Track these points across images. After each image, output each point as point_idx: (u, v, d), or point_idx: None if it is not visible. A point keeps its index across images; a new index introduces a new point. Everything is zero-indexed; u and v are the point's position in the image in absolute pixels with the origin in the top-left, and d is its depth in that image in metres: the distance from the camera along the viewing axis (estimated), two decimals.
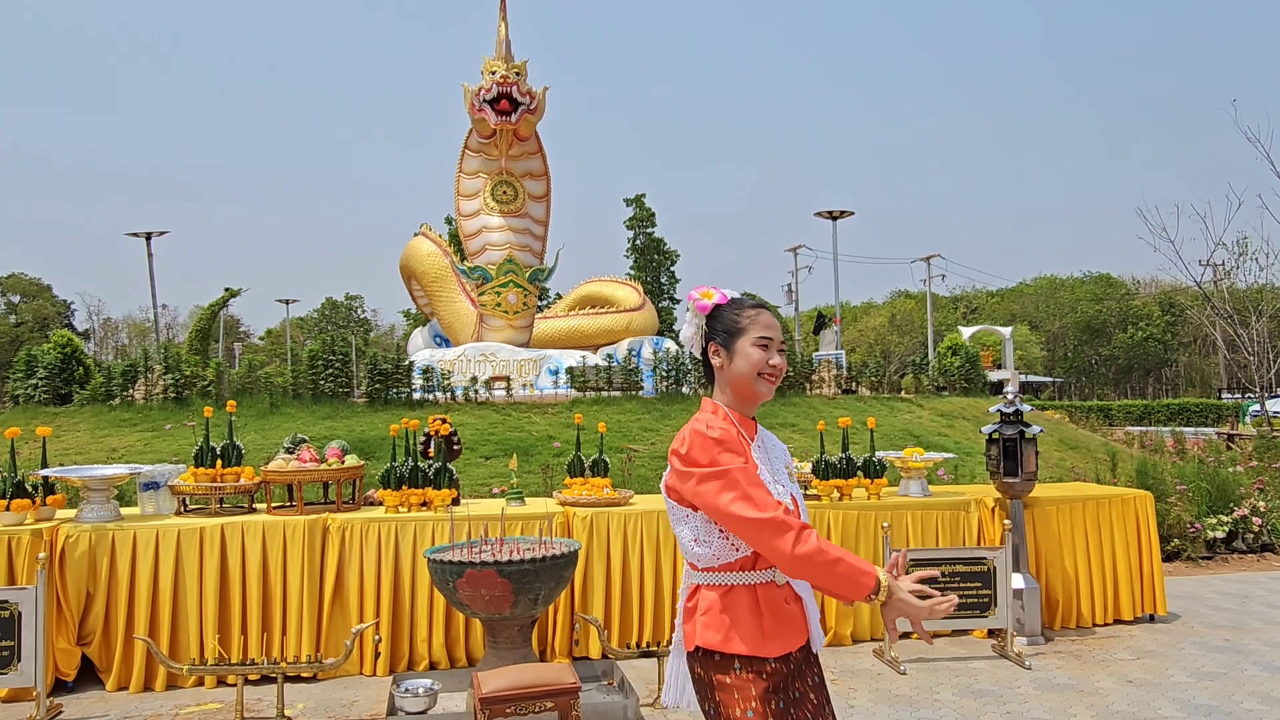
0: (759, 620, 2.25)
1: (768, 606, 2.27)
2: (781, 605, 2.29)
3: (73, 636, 5.25)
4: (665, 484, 2.40)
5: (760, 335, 2.37)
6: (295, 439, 5.89)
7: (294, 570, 5.47)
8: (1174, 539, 8.91)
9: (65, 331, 13.33)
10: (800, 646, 2.31)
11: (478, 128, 14.35)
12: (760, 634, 2.24)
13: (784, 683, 2.27)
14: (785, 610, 2.29)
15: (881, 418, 12.36)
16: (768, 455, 2.41)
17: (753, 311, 2.40)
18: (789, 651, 2.27)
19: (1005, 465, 6.30)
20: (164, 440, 10.18)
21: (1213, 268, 19.71)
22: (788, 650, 2.26)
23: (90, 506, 5.40)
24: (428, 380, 12.17)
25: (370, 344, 54.71)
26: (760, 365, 2.35)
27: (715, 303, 2.43)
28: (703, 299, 2.44)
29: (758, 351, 2.35)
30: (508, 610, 4.68)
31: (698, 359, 2.53)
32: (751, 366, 2.35)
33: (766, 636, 2.24)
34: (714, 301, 2.43)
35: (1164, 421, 31.93)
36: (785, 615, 2.28)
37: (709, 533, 2.29)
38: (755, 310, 2.41)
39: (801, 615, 2.34)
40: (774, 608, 2.27)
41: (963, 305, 65.04)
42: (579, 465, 6.35)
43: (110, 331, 68.52)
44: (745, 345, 2.36)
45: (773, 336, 2.37)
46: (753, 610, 2.26)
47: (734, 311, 2.41)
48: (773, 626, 2.25)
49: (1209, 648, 6.08)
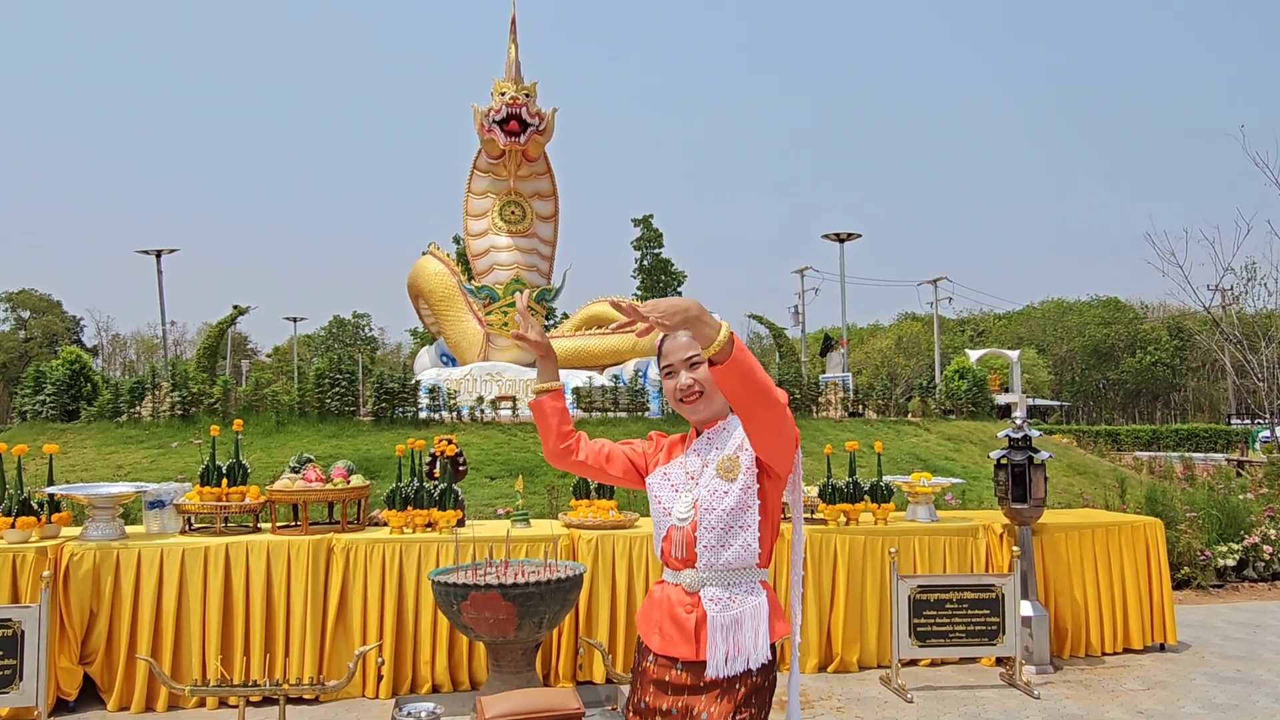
0: (653, 610, 2.46)
1: (668, 604, 2.42)
2: (674, 608, 2.40)
3: (75, 655, 5.23)
4: None
5: (663, 366, 2.50)
6: (301, 458, 5.89)
7: (297, 591, 5.45)
8: (1184, 567, 8.83)
9: (74, 348, 13.38)
10: (689, 660, 2.35)
11: (487, 148, 14.44)
12: (649, 622, 2.46)
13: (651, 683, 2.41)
14: (675, 614, 2.38)
15: (888, 441, 12.31)
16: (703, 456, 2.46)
17: (662, 342, 2.50)
18: (673, 656, 2.36)
19: (1014, 491, 6.26)
20: (170, 458, 10.19)
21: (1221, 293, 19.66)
22: (669, 653, 2.36)
23: (95, 524, 5.40)
24: (434, 399, 12.17)
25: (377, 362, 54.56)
26: (672, 394, 2.48)
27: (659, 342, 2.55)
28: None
29: (667, 383, 2.49)
30: (512, 634, 4.65)
31: None
32: (670, 398, 2.50)
33: (652, 627, 2.43)
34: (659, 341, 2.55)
35: (1173, 447, 31.74)
36: (675, 619, 2.38)
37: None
38: (662, 341, 2.50)
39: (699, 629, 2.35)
40: (667, 607, 2.41)
41: (970, 328, 64.88)
42: (584, 487, 6.33)
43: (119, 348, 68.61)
44: (663, 380, 2.52)
45: (673, 361, 2.47)
46: (658, 604, 2.45)
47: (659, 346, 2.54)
48: (661, 621, 2.41)
49: (1220, 678, 6.01)
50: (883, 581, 6.14)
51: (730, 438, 2.43)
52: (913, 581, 5.87)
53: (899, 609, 5.81)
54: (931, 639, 5.85)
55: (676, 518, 2.43)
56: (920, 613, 5.84)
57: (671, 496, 2.47)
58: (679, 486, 2.46)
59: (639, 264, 50.65)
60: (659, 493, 2.50)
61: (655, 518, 2.51)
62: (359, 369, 12.73)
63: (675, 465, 2.51)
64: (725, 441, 2.44)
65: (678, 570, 2.42)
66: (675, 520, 2.43)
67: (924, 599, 5.84)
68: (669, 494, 2.47)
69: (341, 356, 12.77)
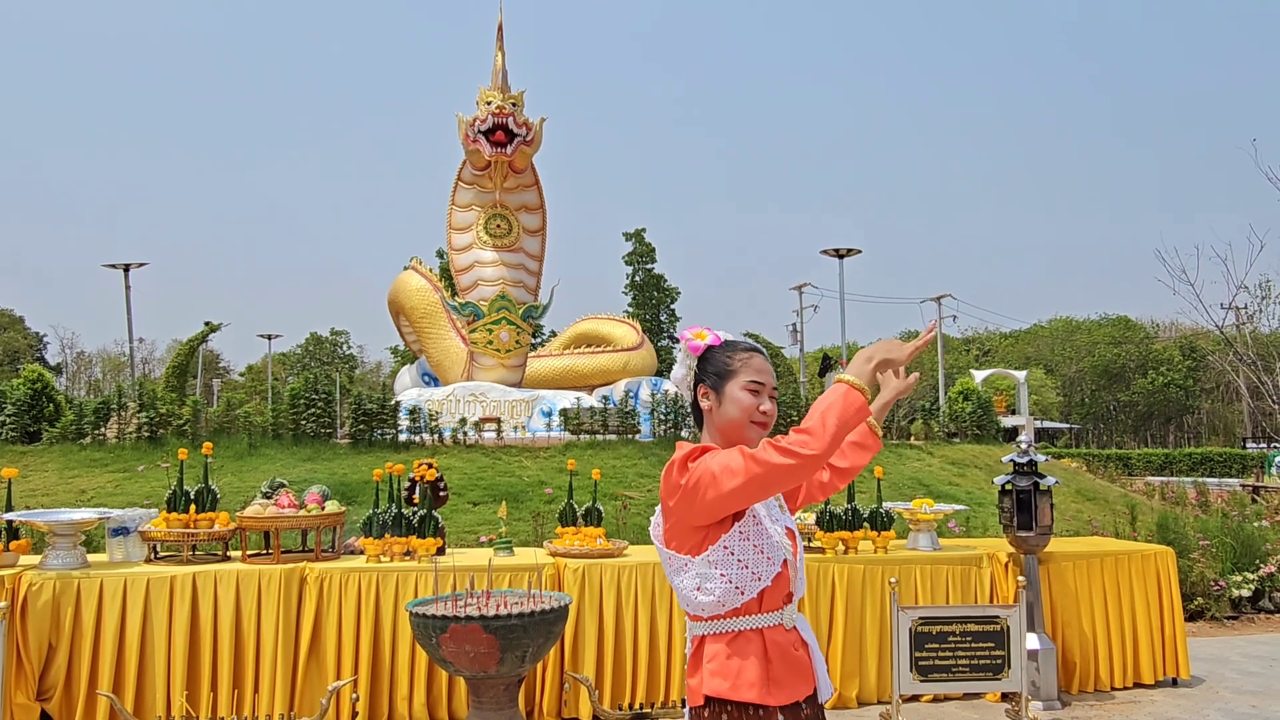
0: (766, 666, 2.18)
1: (775, 651, 2.20)
2: (789, 651, 2.23)
3: (32, 691, 5.01)
4: (658, 534, 2.30)
5: (751, 379, 2.29)
6: (273, 483, 5.72)
7: (268, 622, 5.24)
8: (1197, 597, 8.59)
9: (36, 366, 13.15)
10: (807, 696, 2.22)
11: (472, 159, 14.27)
12: (767, 680, 2.18)
13: None
14: (793, 656, 2.23)
15: (889, 466, 12.10)
16: None
17: (745, 354, 2.32)
18: (796, 700, 2.21)
19: (1019, 518, 6.07)
20: (136, 482, 9.97)
21: (1235, 311, 19.39)
22: (795, 699, 2.21)
23: (55, 553, 5.20)
24: (415, 421, 11.95)
25: (355, 382, 54.10)
26: (751, 411, 2.27)
27: (708, 344, 2.36)
28: (695, 339, 2.37)
29: (748, 396, 2.28)
30: (494, 668, 4.46)
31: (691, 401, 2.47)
32: (742, 412, 2.29)
33: (773, 683, 2.18)
34: (706, 343, 2.36)
35: (1186, 472, 31.35)
36: (793, 661, 2.22)
37: (711, 578, 2.21)
38: (748, 353, 2.32)
39: (808, 662, 2.24)
40: (782, 652, 2.21)
41: (975, 347, 64.59)
42: (571, 514, 6.14)
43: (84, 366, 67.27)
44: (735, 389, 2.29)
45: (764, 381, 2.29)
46: (760, 656, 2.19)
47: (726, 354, 2.33)
48: (780, 673, 2.19)
49: (1236, 714, 5.77)
50: (883, 613, 5.92)
51: None
52: (914, 613, 5.65)
53: (899, 642, 5.58)
54: (934, 673, 5.62)
55: (786, 548, 2.24)
56: (922, 646, 5.61)
57: (773, 525, 2.27)
58: (773, 515, 2.29)
59: (630, 280, 50.19)
60: (768, 523, 2.27)
61: (764, 551, 2.23)
62: (336, 389, 12.49)
63: None
64: None
65: (778, 610, 2.22)
66: (786, 552, 2.24)
67: (926, 631, 5.62)
68: (770, 523, 2.27)
69: (318, 376, 12.58)
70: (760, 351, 2.37)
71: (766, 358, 2.37)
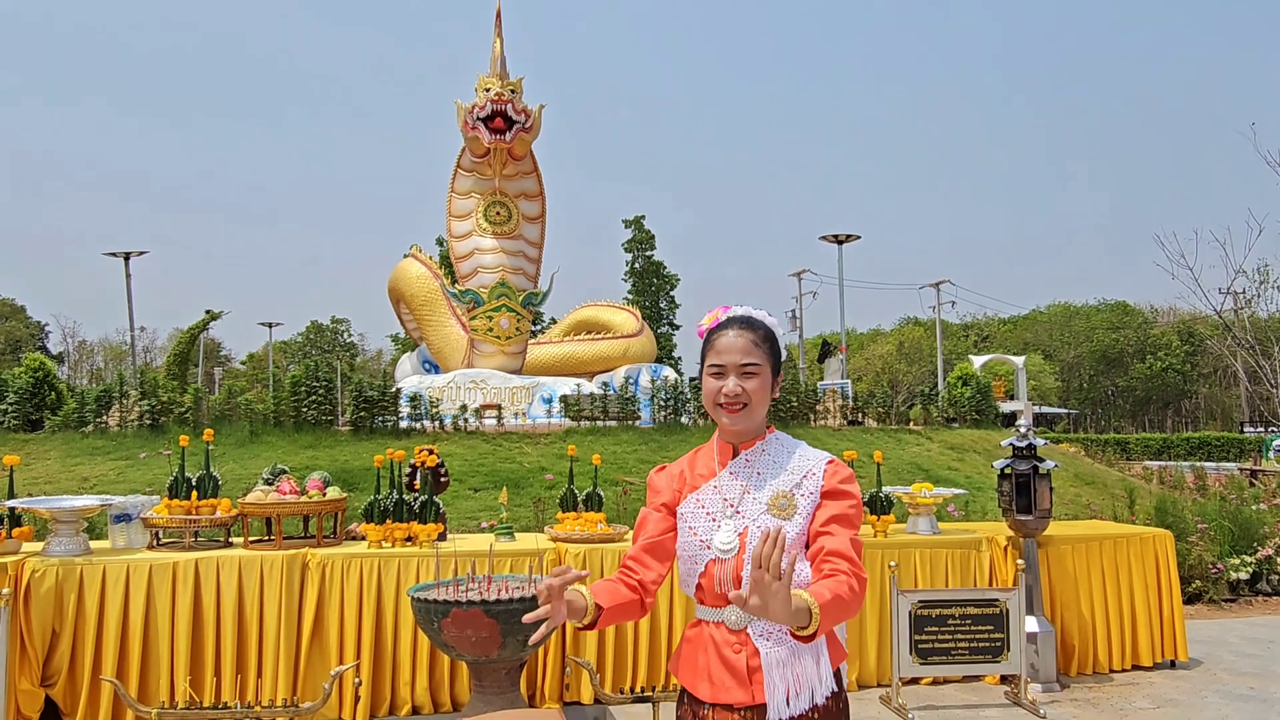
0: (697, 655, 2.24)
1: (713, 648, 2.21)
2: (723, 650, 2.19)
3: (36, 677, 5.03)
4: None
5: (711, 364, 2.27)
6: (275, 470, 5.71)
7: (271, 608, 5.24)
8: (1195, 580, 8.61)
9: (38, 355, 13.12)
10: (747, 706, 2.15)
11: (471, 146, 14.21)
12: (694, 669, 2.23)
13: None
14: (726, 658, 2.19)
15: (889, 450, 12.11)
16: (744, 480, 2.25)
17: (716, 335, 2.29)
18: (729, 704, 2.16)
19: (1018, 502, 6.07)
20: (138, 470, 9.98)
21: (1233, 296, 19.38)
22: (728, 701, 2.16)
23: (58, 540, 5.20)
24: (415, 408, 11.94)
25: (356, 370, 54.19)
26: (714, 395, 2.26)
27: (708, 328, 2.34)
28: (705, 323, 2.36)
29: (711, 381, 2.28)
30: (495, 652, 4.49)
31: None
32: (708, 398, 2.29)
33: (699, 674, 2.21)
34: (706, 326, 2.35)
35: (1184, 456, 31.40)
36: (724, 662, 2.18)
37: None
38: (719, 333, 2.29)
39: (746, 670, 2.16)
40: (717, 650, 2.20)
41: (974, 333, 64.58)
42: (571, 499, 6.15)
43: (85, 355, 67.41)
44: (705, 376, 2.29)
45: (724, 363, 2.24)
46: (701, 646, 2.24)
47: (707, 339, 2.32)
48: (709, 666, 2.20)
49: (1234, 696, 5.79)
50: (882, 596, 5.94)
51: (780, 468, 2.25)
52: (914, 596, 5.67)
53: (899, 625, 5.61)
54: (933, 656, 5.65)
55: (719, 549, 2.20)
56: (922, 629, 5.64)
57: (709, 527, 2.23)
58: (716, 515, 2.24)
59: (630, 266, 50.22)
60: (694, 523, 2.26)
61: (687, 550, 2.25)
62: (337, 376, 12.52)
63: (708, 491, 2.27)
64: (772, 470, 2.25)
65: (719, 607, 2.20)
66: (717, 552, 2.20)
67: (925, 614, 5.64)
68: (705, 524, 2.24)
69: (319, 363, 12.52)
70: (733, 325, 2.29)
71: (741, 330, 2.28)
